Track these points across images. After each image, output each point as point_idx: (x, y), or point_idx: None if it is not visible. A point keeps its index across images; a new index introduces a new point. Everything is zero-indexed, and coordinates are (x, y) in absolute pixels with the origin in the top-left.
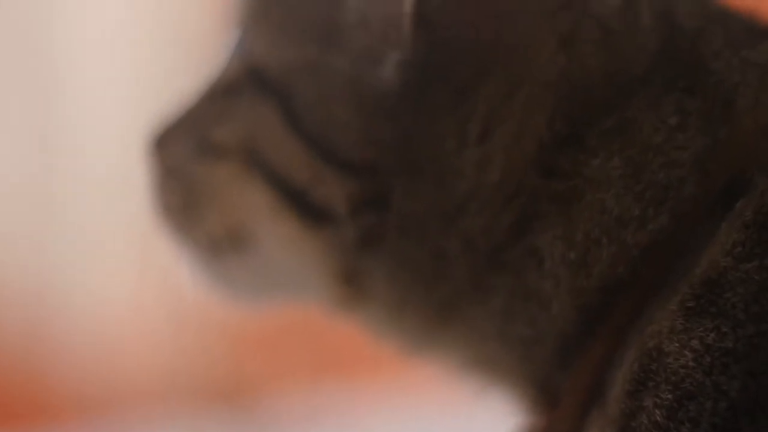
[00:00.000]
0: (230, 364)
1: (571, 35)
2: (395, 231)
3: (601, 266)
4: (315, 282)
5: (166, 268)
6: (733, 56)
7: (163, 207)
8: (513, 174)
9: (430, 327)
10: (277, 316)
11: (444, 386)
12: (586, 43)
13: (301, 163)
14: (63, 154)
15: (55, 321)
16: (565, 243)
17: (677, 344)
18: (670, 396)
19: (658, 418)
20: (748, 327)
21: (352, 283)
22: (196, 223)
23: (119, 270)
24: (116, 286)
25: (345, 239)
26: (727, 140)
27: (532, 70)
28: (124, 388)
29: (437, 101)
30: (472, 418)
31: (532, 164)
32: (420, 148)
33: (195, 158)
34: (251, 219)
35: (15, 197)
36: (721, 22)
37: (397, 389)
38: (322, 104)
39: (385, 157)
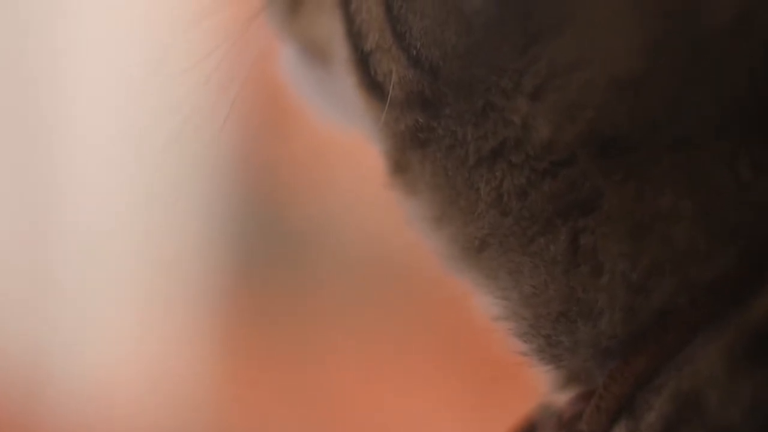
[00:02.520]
0: (225, 429)
1: (662, 41)
2: (439, 143)
3: (662, 293)
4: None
5: (163, 330)
6: None
7: (273, 10)
8: (564, 142)
9: (466, 255)
10: (269, 381)
11: None
12: (676, 57)
13: (374, 27)
14: (57, 216)
15: (50, 385)
16: (628, 262)
17: (719, 394)
18: None
19: None
20: None
21: (398, 172)
22: (293, 25)
23: (116, 334)
24: (112, 350)
25: (394, 125)
26: None
27: (606, 56)
28: None
29: (509, 32)
30: None
31: (586, 145)
32: (480, 70)
33: None
34: (330, 41)
35: (9, 261)
36: None
37: None
38: None
39: (446, 65)
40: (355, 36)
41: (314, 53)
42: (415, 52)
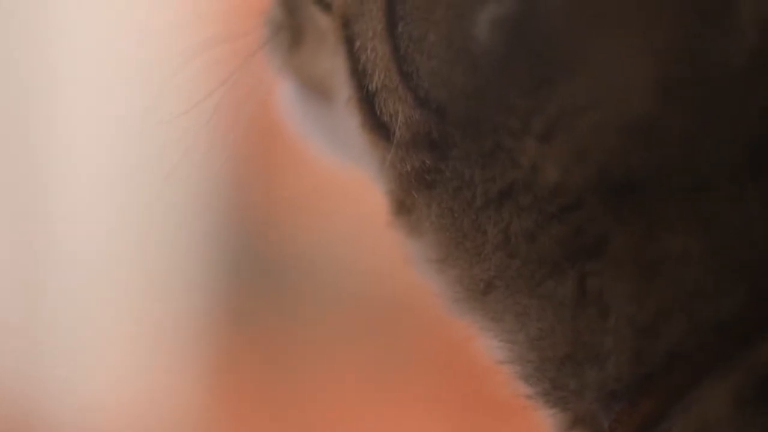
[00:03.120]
0: None
1: (675, 82)
2: (446, 185)
3: (669, 335)
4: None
5: (152, 360)
6: None
7: (273, 45)
8: (573, 185)
9: (471, 297)
10: (258, 412)
11: None
12: (688, 98)
13: (381, 64)
14: (47, 244)
15: (39, 413)
16: (636, 305)
17: None
18: None
19: None
20: None
21: (402, 213)
22: (293, 60)
23: (103, 363)
24: (100, 379)
25: (399, 166)
26: None
27: (618, 98)
28: None
29: (518, 72)
30: None
31: (596, 188)
32: (489, 111)
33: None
34: (332, 78)
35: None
36: None
37: None
38: (422, 21)
39: (454, 105)
40: (360, 74)
41: (314, 89)
42: (422, 93)
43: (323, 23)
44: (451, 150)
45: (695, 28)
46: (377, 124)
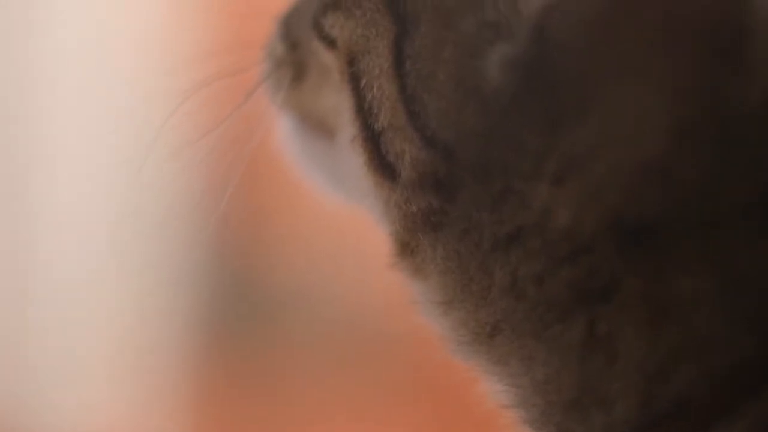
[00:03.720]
0: None
1: (689, 122)
2: (452, 227)
3: (678, 381)
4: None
5: (137, 393)
6: None
7: (274, 81)
8: (585, 229)
9: (476, 340)
10: None
11: None
12: (703, 139)
13: (388, 103)
14: (34, 274)
15: None
16: (645, 349)
17: None
18: None
19: None
20: None
21: (406, 254)
22: (294, 96)
23: (91, 396)
24: (89, 412)
25: (405, 207)
26: None
27: (632, 139)
28: None
29: (530, 113)
30: None
31: (608, 231)
32: (498, 153)
33: (311, 35)
34: (335, 115)
35: None
36: None
37: None
38: (431, 60)
39: (462, 146)
40: (365, 113)
41: (315, 126)
42: (429, 132)
43: (327, 59)
44: (458, 191)
45: (709, 68)
46: (382, 164)
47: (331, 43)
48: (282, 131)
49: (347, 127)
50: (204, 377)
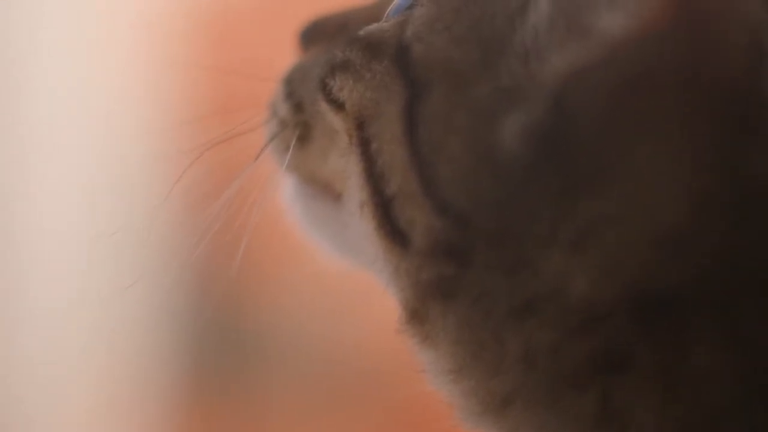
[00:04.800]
0: None
1: (709, 194)
2: (464, 295)
3: None
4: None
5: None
6: None
7: (279, 143)
8: (601, 299)
9: (486, 410)
10: None
11: None
12: (722, 210)
13: (397, 170)
14: (16, 312)
15: None
16: (660, 423)
17: None
18: None
19: None
20: None
21: (416, 322)
22: (300, 159)
23: (80, 405)
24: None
25: (415, 274)
26: None
27: (651, 210)
28: None
29: (546, 181)
30: None
31: (624, 302)
32: (513, 220)
33: (317, 96)
34: (343, 179)
35: None
36: None
37: None
38: (443, 125)
39: (476, 213)
40: (375, 178)
41: (320, 188)
42: (442, 200)
43: (335, 122)
44: (471, 260)
45: (728, 138)
46: (393, 231)
47: (339, 106)
48: (285, 191)
49: (355, 191)
50: (188, 418)
